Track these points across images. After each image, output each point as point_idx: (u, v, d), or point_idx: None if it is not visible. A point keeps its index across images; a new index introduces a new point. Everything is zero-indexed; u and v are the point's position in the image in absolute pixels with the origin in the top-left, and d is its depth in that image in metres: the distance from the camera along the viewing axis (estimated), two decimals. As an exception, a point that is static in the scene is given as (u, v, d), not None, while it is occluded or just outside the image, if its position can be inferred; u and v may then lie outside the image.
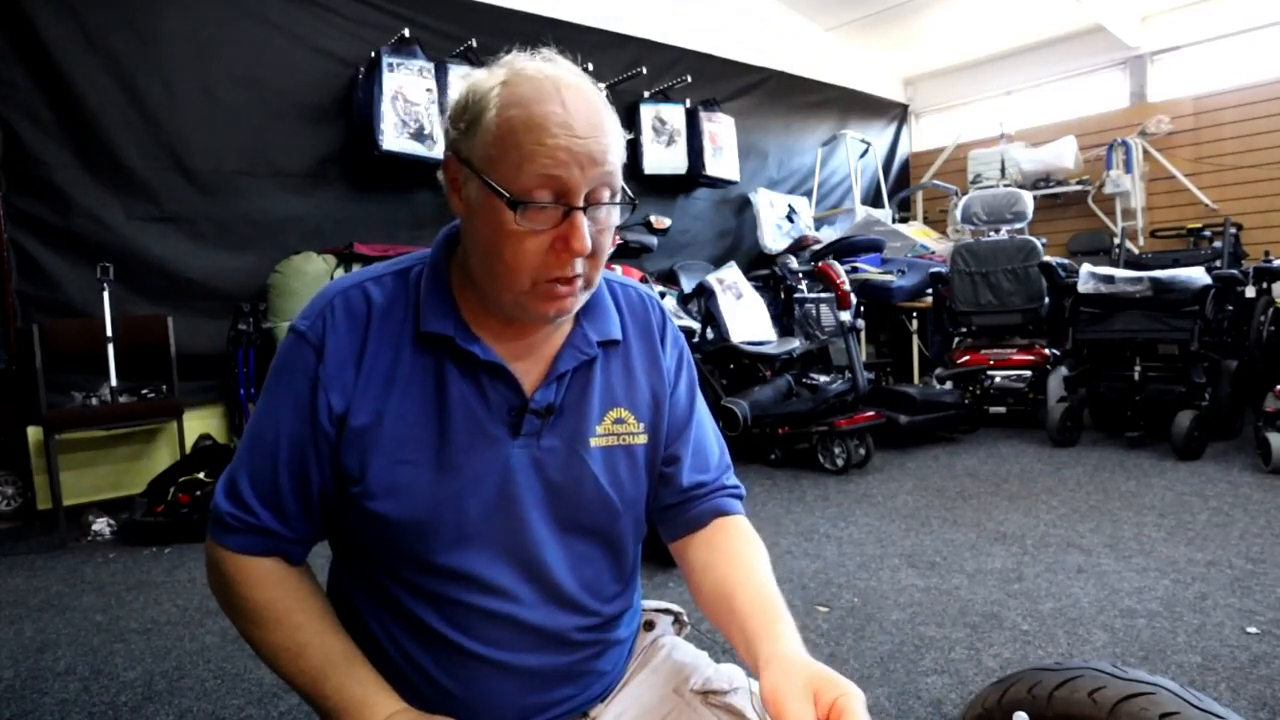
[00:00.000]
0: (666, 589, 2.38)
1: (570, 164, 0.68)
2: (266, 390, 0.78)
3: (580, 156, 0.68)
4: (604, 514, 0.81)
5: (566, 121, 0.67)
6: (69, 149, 3.43)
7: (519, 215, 0.68)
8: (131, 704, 1.79)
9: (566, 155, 0.67)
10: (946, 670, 1.81)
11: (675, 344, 0.90)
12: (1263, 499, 3.02)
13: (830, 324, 4.53)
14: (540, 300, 0.72)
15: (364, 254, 3.85)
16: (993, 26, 6.38)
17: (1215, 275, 3.95)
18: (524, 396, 0.78)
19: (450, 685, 0.78)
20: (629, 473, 0.83)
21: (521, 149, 0.68)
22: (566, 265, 0.70)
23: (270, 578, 0.77)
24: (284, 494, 0.76)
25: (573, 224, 0.69)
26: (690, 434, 0.89)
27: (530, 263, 0.70)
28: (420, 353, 0.76)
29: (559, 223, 0.69)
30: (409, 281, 0.79)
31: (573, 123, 0.68)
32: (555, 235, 0.69)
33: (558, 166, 0.67)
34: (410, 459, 0.74)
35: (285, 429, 0.75)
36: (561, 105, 0.68)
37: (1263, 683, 1.69)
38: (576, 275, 0.72)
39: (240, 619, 0.78)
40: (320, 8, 4.08)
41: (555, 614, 0.80)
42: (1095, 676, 0.85)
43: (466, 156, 0.72)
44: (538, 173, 0.67)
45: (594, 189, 0.70)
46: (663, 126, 5.31)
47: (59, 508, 3.09)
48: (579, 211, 0.69)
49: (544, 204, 0.68)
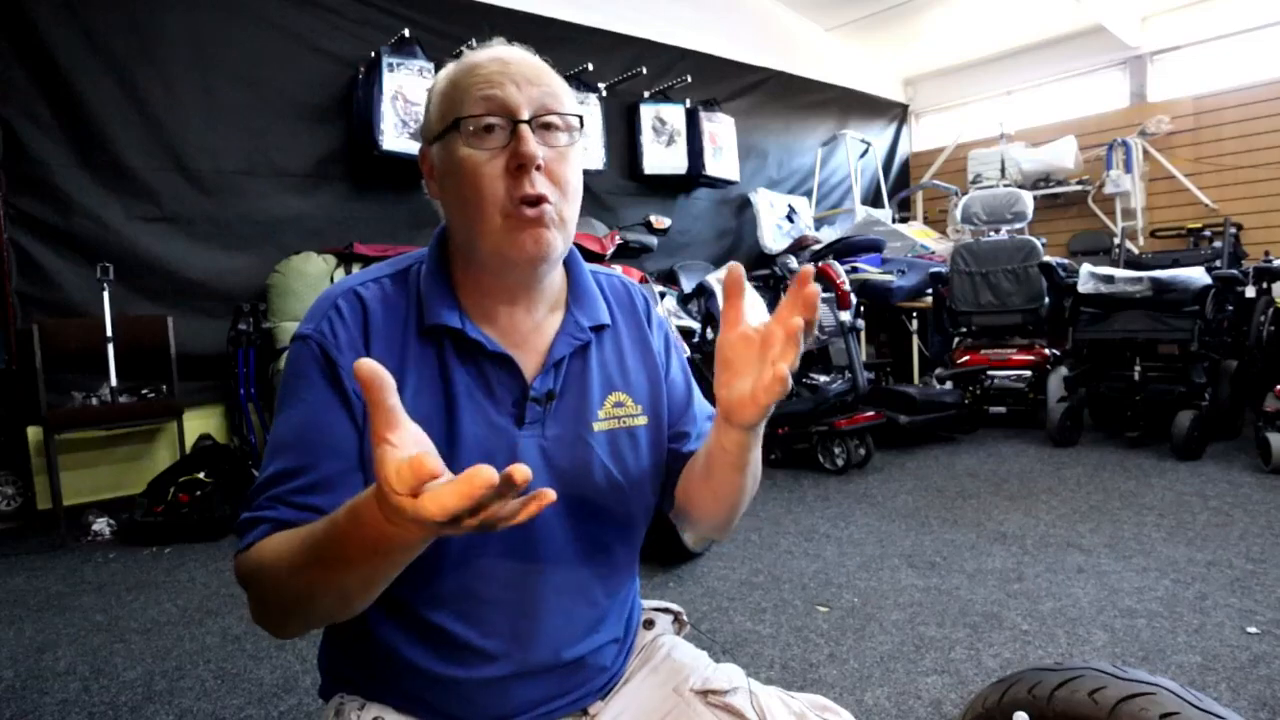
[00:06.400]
0: (666, 589, 2.39)
1: (505, 82, 0.72)
2: (283, 401, 0.75)
3: (514, 76, 0.73)
4: (612, 496, 0.82)
5: (496, 55, 0.75)
6: (69, 149, 3.43)
7: (466, 137, 0.72)
8: (131, 704, 1.79)
9: (501, 76, 0.72)
10: (946, 670, 1.81)
11: (660, 327, 0.93)
12: (1263, 499, 3.02)
13: (830, 324, 4.53)
14: (514, 232, 0.72)
15: (364, 254, 3.85)
16: (993, 26, 6.38)
17: (1215, 275, 3.94)
18: (525, 385, 0.78)
19: (453, 679, 0.78)
20: (632, 454, 0.84)
21: (459, 86, 0.74)
22: (523, 181, 0.72)
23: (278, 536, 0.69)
24: (324, 484, 0.70)
25: (519, 134, 0.71)
26: (693, 411, 0.92)
27: (493, 190, 0.72)
28: (424, 347, 0.77)
29: (508, 142, 0.72)
30: (408, 280, 0.79)
31: (502, 55, 0.75)
32: (508, 155, 0.72)
33: (493, 86, 0.72)
34: None
35: (319, 419, 0.72)
36: (494, 51, 0.76)
37: (1263, 683, 1.69)
38: (541, 196, 0.72)
39: (274, 597, 0.68)
40: (320, 8, 4.08)
41: (562, 604, 0.80)
42: (1095, 676, 0.85)
43: (429, 136, 0.77)
44: (477, 96, 0.72)
45: (538, 108, 0.73)
46: (663, 126, 5.31)
47: (59, 508, 3.10)
48: (523, 124, 0.72)
49: (487, 118, 0.72)
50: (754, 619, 2.15)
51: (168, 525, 3.09)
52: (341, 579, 0.61)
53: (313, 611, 0.66)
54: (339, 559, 0.59)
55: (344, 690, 0.83)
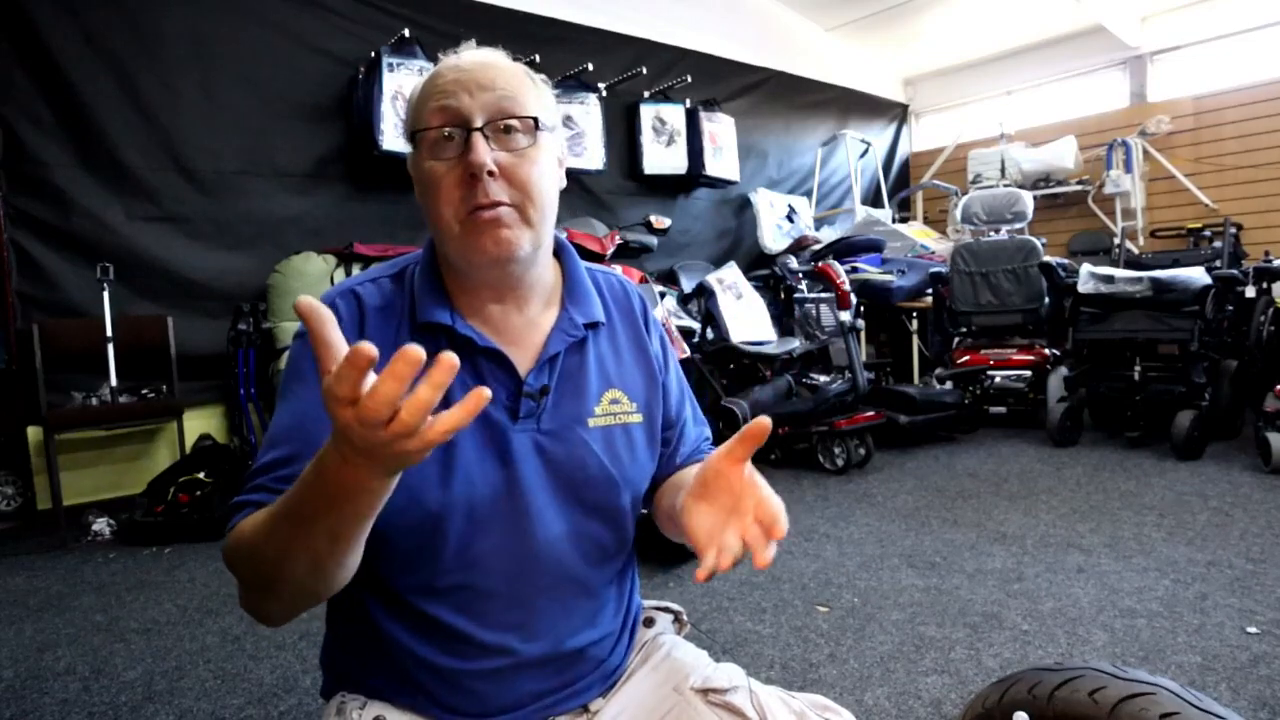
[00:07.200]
0: (666, 589, 2.39)
1: (458, 91, 0.73)
2: (281, 394, 0.78)
3: (467, 84, 0.74)
4: (607, 490, 0.83)
5: (455, 64, 0.76)
6: (69, 149, 3.43)
7: (422, 149, 0.74)
8: (131, 704, 1.79)
9: (454, 85, 0.74)
10: (946, 670, 1.81)
11: (657, 328, 0.94)
12: (1263, 499, 3.02)
13: (830, 324, 4.53)
14: (472, 235, 0.74)
15: (364, 254, 3.85)
16: (993, 26, 6.38)
17: (1215, 275, 3.94)
18: (519, 379, 0.80)
19: (455, 672, 0.78)
20: (627, 451, 0.85)
21: (420, 100, 0.76)
22: (477, 189, 0.73)
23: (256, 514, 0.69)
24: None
25: (470, 143, 0.73)
26: (684, 423, 0.94)
27: (450, 198, 0.74)
28: (418, 344, 0.77)
29: (463, 151, 0.73)
30: (403, 280, 0.82)
31: (460, 64, 0.76)
32: (462, 165, 0.73)
33: (446, 96, 0.74)
34: None
35: (309, 412, 0.72)
36: (456, 58, 0.77)
37: (1263, 683, 1.69)
38: (496, 201, 0.73)
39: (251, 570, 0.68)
40: (320, 8, 4.08)
41: (560, 595, 0.81)
42: (1096, 676, 0.85)
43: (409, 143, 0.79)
44: (433, 107, 0.74)
45: (492, 114, 0.74)
46: (663, 126, 5.31)
47: (59, 508, 3.10)
48: (475, 132, 0.73)
49: (439, 130, 0.73)
50: (754, 619, 2.15)
51: (168, 525, 3.09)
52: (309, 536, 0.61)
53: (287, 582, 0.65)
54: (305, 515, 0.60)
55: (345, 689, 0.84)
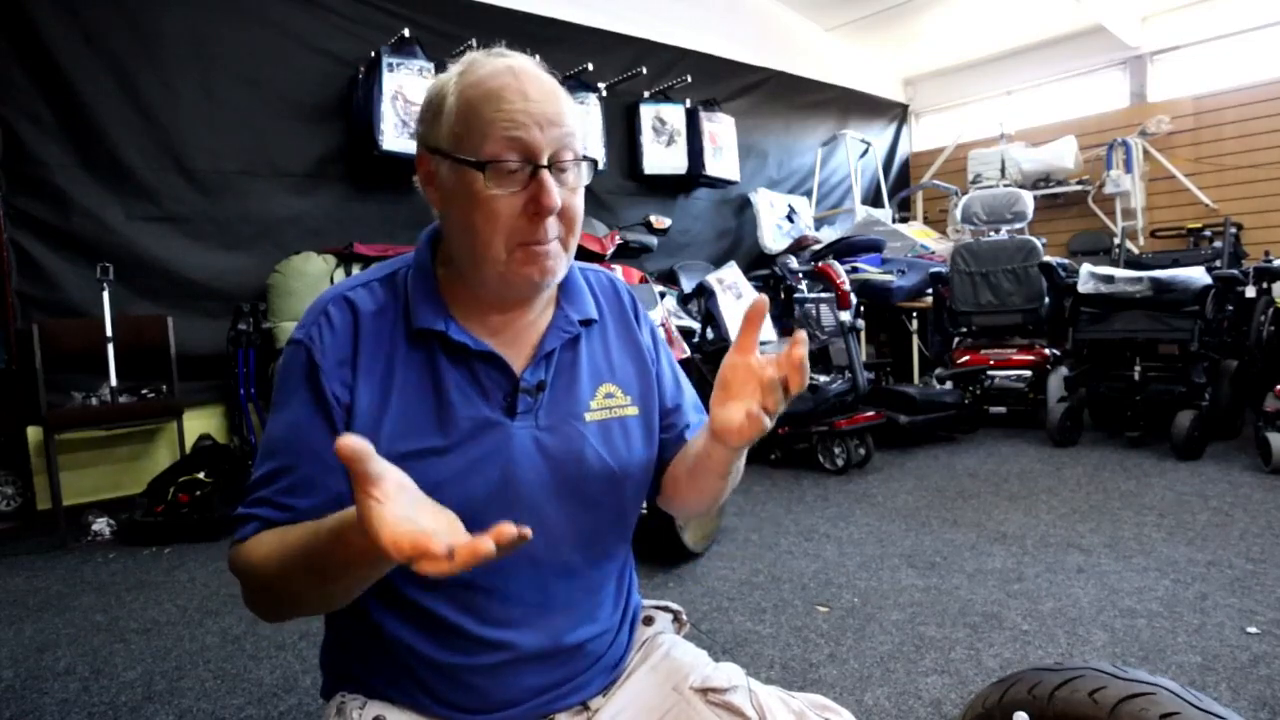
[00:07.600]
0: (666, 589, 2.39)
1: (530, 125, 0.72)
2: (275, 403, 0.79)
3: (538, 118, 0.73)
4: (605, 484, 0.84)
5: (522, 90, 0.73)
6: (69, 149, 3.43)
7: (488, 178, 0.72)
8: (131, 704, 1.79)
9: (525, 117, 0.72)
10: (946, 670, 1.81)
11: (646, 322, 0.96)
12: (1263, 499, 3.02)
13: (830, 324, 4.52)
14: (521, 264, 0.75)
15: (364, 254, 3.85)
16: (993, 26, 6.38)
17: (1215, 275, 3.94)
18: (515, 378, 0.81)
19: (455, 667, 0.79)
20: (624, 443, 0.86)
21: (482, 118, 0.73)
22: (539, 227, 0.74)
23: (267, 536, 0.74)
24: (303, 484, 0.74)
25: (540, 182, 0.73)
26: (683, 404, 0.95)
27: (505, 227, 0.74)
28: (414, 349, 0.79)
29: (527, 183, 0.73)
30: (397, 284, 0.82)
31: (527, 90, 0.73)
32: (526, 197, 0.73)
33: (518, 128, 0.72)
34: (413, 448, 0.76)
35: (301, 423, 0.76)
36: (515, 78, 0.74)
37: (1263, 683, 1.69)
38: (552, 238, 0.75)
39: (263, 593, 0.73)
40: (320, 8, 4.08)
41: (559, 590, 0.82)
42: (1096, 677, 0.85)
43: (435, 145, 0.76)
44: (501, 136, 0.72)
45: (556, 150, 0.74)
46: (663, 126, 5.30)
47: (59, 508, 3.10)
48: (545, 170, 0.73)
49: (510, 163, 0.72)
50: (754, 619, 2.15)
51: (168, 525, 3.09)
52: (324, 583, 0.67)
53: (301, 607, 0.73)
54: (323, 570, 0.65)
55: (346, 688, 0.84)
